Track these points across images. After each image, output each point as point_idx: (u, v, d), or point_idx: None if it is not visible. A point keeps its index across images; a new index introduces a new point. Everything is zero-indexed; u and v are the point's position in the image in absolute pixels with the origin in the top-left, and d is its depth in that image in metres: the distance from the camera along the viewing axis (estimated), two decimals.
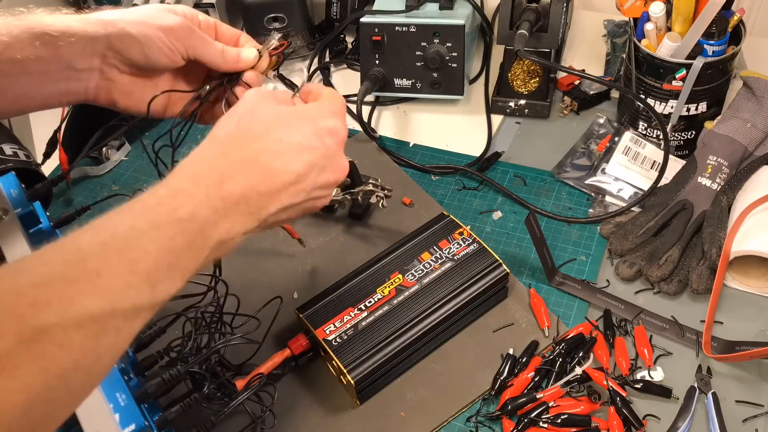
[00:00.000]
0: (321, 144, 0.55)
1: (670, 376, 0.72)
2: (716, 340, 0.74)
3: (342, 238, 0.89)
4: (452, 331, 0.77)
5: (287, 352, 0.74)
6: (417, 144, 1.03)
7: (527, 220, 0.78)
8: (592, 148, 0.96)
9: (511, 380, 0.72)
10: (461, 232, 0.80)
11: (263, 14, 1.14)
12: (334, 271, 0.85)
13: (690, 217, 0.83)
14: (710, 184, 0.85)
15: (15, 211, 0.66)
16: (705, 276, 0.78)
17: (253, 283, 0.84)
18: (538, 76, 1.02)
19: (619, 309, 0.78)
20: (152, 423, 0.57)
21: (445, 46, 1.00)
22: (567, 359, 0.73)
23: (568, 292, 0.80)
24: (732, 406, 0.69)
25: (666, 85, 0.87)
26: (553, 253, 0.84)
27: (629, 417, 0.68)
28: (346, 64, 1.18)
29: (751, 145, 0.86)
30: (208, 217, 0.49)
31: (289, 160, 0.53)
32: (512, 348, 0.75)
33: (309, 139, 0.55)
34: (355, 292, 0.75)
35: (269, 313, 0.76)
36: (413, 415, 0.72)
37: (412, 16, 1.01)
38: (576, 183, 0.93)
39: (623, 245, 0.83)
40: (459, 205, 0.93)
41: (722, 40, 0.85)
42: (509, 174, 0.96)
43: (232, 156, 0.52)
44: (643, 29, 0.88)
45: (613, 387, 0.69)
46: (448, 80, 1.03)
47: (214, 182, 0.50)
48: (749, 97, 0.89)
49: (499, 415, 0.71)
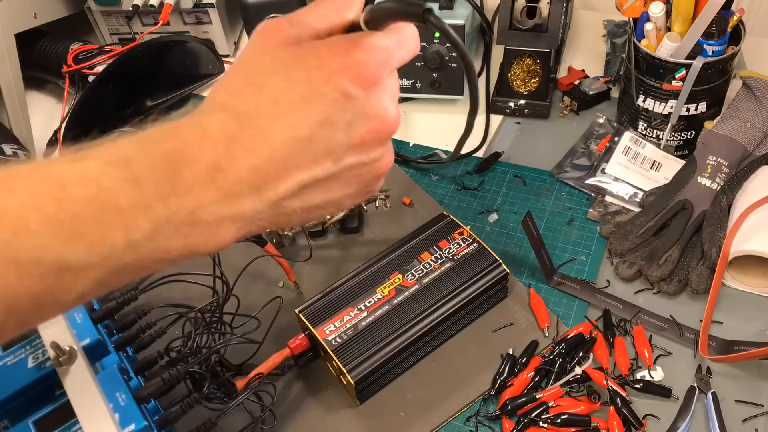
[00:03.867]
0: (334, 89, 0.39)
1: (669, 375, 0.72)
2: (714, 339, 0.74)
3: (342, 238, 0.89)
4: (452, 331, 0.77)
5: (287, 352, 0.74)
6: (417, 144, 1.03)
7: (524, 221, 0.79)
8: (592, 148, 0.96)
9: (510, 380, 0.72)
10: (461, 232, 0.80)
11: (263, 14, 1.14)
12: (333, 271, 0.86)
13: (690, 217, 0.83)
14: (710, 184, 0.85)
15: None
16: (705, 276, 0.78)
17: (253, 283, 0.84)
18: (538, 76, 1.02)
19: (619, 309, 0.78)
20: (152, 423, 0.57)
21: (445, 46, 1.00)
22: (567, 359, 0.73)
23: (566, 292, 0.80)
24: (732, 406, 0.69)
25: (666, 85, 0.87)
26: (553, 253, 0.84)
27: (629, 417, 0.68)
28: None
29: (750, 145, 0.86)
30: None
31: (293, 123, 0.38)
32: (512, 348, 0.75)
33: (317, 87, 0.39)
34: (355, 292, 0.75)
35: (269, 313, 0.76)
36: (413, 415, 0.72)
37: None
38: (576, 183, 0.93)
39: (623, 245, 0.83)
40: (459, 205, 0.93)
41: (722, 40, 0.85)
42: (509, 174, 0.96)
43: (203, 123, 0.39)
44: (642, 29, 0.88)
45: (613, 387, 0.69)
46: (448, 80, 1.03)
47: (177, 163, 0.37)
48: (749, 97, 0.89)
49: (499, 415, 0.71)
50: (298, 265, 0.86)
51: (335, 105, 0.39)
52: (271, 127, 0.38)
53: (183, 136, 0.38)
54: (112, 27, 1.21)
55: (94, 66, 1.08)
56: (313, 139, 0.39)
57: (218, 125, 0.38)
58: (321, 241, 0.89)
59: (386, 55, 0.40)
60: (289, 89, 0.38)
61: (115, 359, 0.60)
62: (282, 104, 0.38)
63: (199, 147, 0.37)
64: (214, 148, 0.37)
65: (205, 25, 1.20)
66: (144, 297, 0.69)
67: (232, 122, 0.38)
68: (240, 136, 0.38)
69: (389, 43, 0.40)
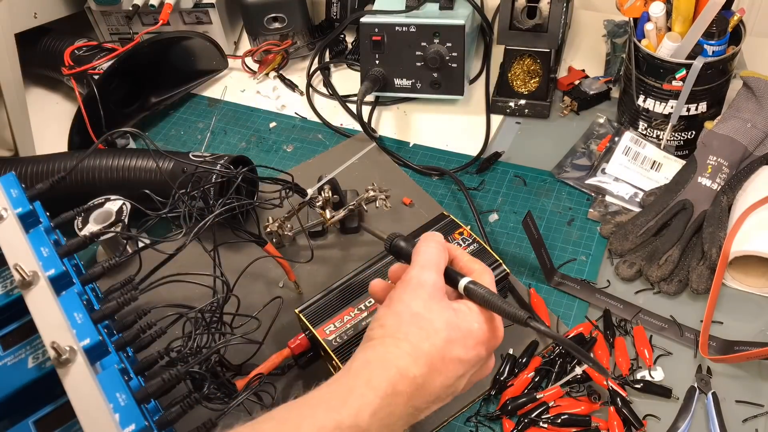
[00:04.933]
0: (476, 354, 0.55)
1: (670, 376, 0.72)
2: (715, 339, 0.74)
3: (342, 238, 0.89)
4: None
5: (287, 352, 0.74)
6: (417, 144, 1.03)
7: (524, 221, 0.79)
8: (592, 148, 0.96)
9: (511, 380, 0.72)
10: (461, 232, 0.80)
11: (263, 14, 1.14)
12: (333, 271, 0.86)
13: (690, 217, 0.83)
14: (710, 184, 0.85)
15: (15, 211, 0.66)
16: (705, 276, 0.78)
17: (253, 283, 0.84)
18: (538, 76, 1.02)
19: (619, 309, 0.78)
20: (152, 423, 0.57)
21: (445, 46, 1.00)
22: (567, 359, 0.73)
23: (567, 292, 0.80)
24: (732, 406, 0.69)
25: (666, 85, 0.87)
26: (553, 254, 0.84)
27: (629, 417, 0.68)
28: (346, 64, 1.18)
29: (751, 145, 0.86)
30: (376, 430, 0.50)
31: (448, 377, 0.54)
32: (512, 348, 0.75)
33: (469, 353, 0.54)
34: (356, 292, 0.75)
35: (269, 313, 0.76)
36: None
37: (412, 16, 1.01)
38: (576, 183, 0.93)
39: (623, 245, 0.83)
40: (459, 205, 0.93)
41: (722, 40, 0.85)
42: (509, 174, 0.96)
43: (401, 369, 0.52)
44: (643, 29, 0.88)
45: (613, 387, 0.69)
46: (448, 80, 1.03)
47: (386, 394, 0.51)
48: (749, 97, 0.89)
49: (499, 415, 0.71)
50: (298, 265, 0.86)
51: (474, 364, 0.56)
52: (435, 380, 0.53)
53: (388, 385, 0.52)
54: (111, 27, 1.21)
55: (96, 67, 1.08)
56: (452, 385, 0.55)
57: (413, 377, 0.53)
58: (321, 241, 0.89)
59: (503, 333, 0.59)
60: (450, 347, 0.53)
61: (115, 359, 0.60)
62: (446, 362, 0.53)
63: (405, 392, 0.52)
64: (409, 397, 0.52)
65: (205, 25, 1.20)
66: (144, 297, 0.69)
67: (420, 377, 0.52)
68: (422, 385, 0.53)
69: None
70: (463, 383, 0.56)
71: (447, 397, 0.56)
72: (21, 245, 0.63)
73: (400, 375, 0.52)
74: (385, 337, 0.54)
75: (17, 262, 0.60)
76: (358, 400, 0.50)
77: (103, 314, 0.63)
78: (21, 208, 0.67)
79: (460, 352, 0.54)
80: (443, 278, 0.57)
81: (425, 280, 0.56)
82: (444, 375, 0.53)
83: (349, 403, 0.50)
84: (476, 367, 0.56)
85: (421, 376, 0.52)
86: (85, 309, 0.60)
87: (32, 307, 0.58)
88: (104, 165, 0.90)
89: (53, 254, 0.64)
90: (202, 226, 0.71)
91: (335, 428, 0.48)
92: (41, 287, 0.59)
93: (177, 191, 0.73)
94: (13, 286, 0.64)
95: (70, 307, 0.59)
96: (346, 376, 0.52)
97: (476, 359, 0.55)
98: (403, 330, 0.53)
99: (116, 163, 0.90)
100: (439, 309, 0.54)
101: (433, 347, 0.53)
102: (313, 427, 0.48)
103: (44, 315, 0.57)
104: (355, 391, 0.50)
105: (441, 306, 0.55)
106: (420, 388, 0.52)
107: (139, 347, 0.67)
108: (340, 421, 0.49)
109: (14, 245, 0.63)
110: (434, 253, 0.58)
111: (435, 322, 0.54)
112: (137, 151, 0.92)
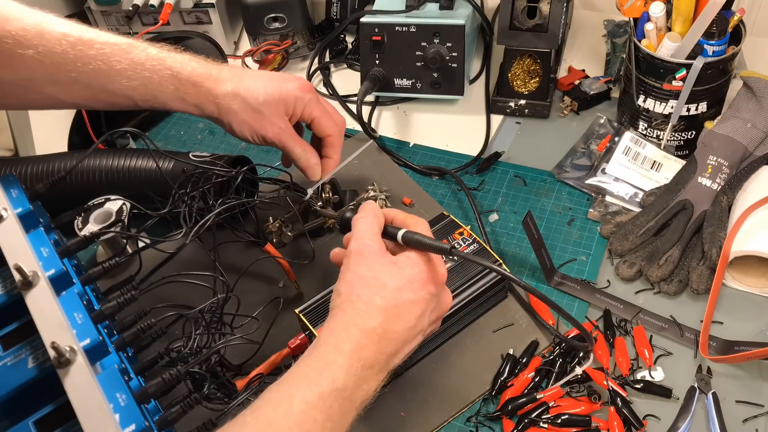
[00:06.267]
0: (427, 293, 0.62)
1: (670, 376, 0.72)
2: (715, 339, 0.74)
3: (342, 238, 0.89)
4: (452, 331, 0.77)
5: (287, 352, 0.74)
6: (417, 144, 1.03)
7: (524, 221, 0.79)
8: (593, 148, 0.96)
9: (511, 380, 0.72)
10: (461, 232, 0.80)
11: (263, 14, 1.14)
12: (334, 271, 0.85)
13: (690, 217, 0.83)
14: (710, 184, 0.85)
15: (15, 211, 0.66)
16: (705, 276, 0.78)
17: (254, 283, 0.84)
18: (538, 76, 1.02)
19: (619, 309, 0.78)
20: (152, 423, 0.57)
21: (445, 46, 1.00)
22: (567, 359, 0.73)
23: (567, 293, 0.80)
24: (732, 406, 0.69)
25: (666, 85, 0.87)
26: (553, 254, 0.84)
27: (629, 417, 0.68)
28: (346, 64, 1.18)
29: (751, 145, 0.86)
30: (353, 384, 0.56)
31: (407, 319, 0.60)
32: (512, 348, 0.75)
33: (418, 294, 0.61)
34: None
35: (269, 313, 0.76)
36: (413, 415, 0.72)
37: (412, 16, 1.01)
38: (576, 183, 0.93)
39: (623, 245, 0.83)
40: (459, 205, 0.93)
41: (722, 40, 0.85)
42: (509, 174, 0.96)
43: (360, 325, 0.58)
44: (643, 29, 0.88)
45: (613, 387, 0.69)
46: (448, 80, 1.03)
47: (353, 351, 0.57)
48: (749, 97, 0.89)
49: (499, 415, 0.71)
50: (298, 265, 0.85)
51: (428, 301, 0.62)
52: (395, 326, 0.60)
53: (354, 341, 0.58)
54: (111, 27, 1.21)
55: None
56: (415, 326, 0.61)
57: (372, 329, 0.59)
58: (321, 241, 0.89)
59: (444, 268, 0.65)
60: (400, 294, 0.60)
61: (115, 359, 0.60)
62: (400, 308, 0.60)
63: (370, 344, 0.58)
64: (377, 347, 0.59)
65: (205, 25, 1.20)
66: (144, 297, 0.69)
67: (380, 327, 0.59)
68: (383, 334, 0.59)
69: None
70: (426, 321, 0.63)
71: (415, 337, 0.62)
72: (21, 245, 0.63)
73: (361, 331, 0.58)
74: (342, 304, 0.60)
75: (17, 262, 0.60)
76: (330, 366, 0.56)
77: (103, 314, 0.63)
78: (21, 208, 0.67)
79: (410, 295, 0.61)
80: (380, 241, 0.64)
81: (362, 247, 0.63)
82: (403, 319, 0.60)
83: (324, 373, 0.55)
84: (432, 303, 0.63)
85: (380, 326, 0.59)
86: (85, 309, 0.60)
87: (32, 307, 0.58)
88: (104, 165, 0.89)
89: (53, 254, 0.64)
90: (202, 225, 0.71)
91: (319, 399, 0.54)
92: (41, 287, 0.59)
93: (177, 191, 0.73)
94: (13, 286, 0.64)
95: (70, 307, 0.60)
96: (317, 347, 0.58)
97: (428, 296, 0.62)
98: (355, 293, 0.60)
99: (116, 163, 0.89)
100: (380, 266, 0.61)
101: (384, 299, 0.60)
102: (302, 402, 0.53)
103: (44, 315, 0.57)
104: (327, 359, 0.56)
105: (382, 263, 0.62)
106: (383, 336, 0.59)
107: (139, 347, 0.67)
108: (321, 391, 0.54)
109: (14, 245, 0.63)
110: (368, 221, 0.65)
111: (380, 277, 0.61)
112: (137, 151, 0.92)
